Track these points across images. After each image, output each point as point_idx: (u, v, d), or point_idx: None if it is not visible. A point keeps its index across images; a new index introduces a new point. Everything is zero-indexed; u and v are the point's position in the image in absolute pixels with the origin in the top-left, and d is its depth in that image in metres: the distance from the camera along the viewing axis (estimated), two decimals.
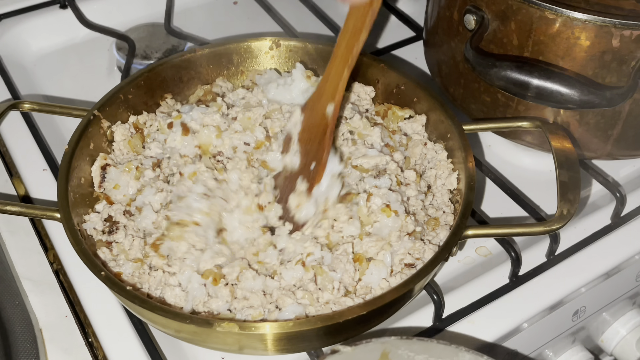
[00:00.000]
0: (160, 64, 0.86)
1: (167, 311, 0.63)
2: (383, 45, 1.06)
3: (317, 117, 0.76)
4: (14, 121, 0.91)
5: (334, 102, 0.75)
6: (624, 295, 0.83)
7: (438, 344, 0.62)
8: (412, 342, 0.62)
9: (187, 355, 0.72)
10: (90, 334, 0.72)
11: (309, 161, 0.75)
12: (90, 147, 0.78)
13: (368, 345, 0.62)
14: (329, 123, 0.75)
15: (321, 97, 0.76)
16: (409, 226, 0.72)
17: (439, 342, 0.62)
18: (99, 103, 0.80)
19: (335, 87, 0.75)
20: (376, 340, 0.62)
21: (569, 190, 0.70)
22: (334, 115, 0.75)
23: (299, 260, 0.69)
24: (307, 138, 0.76)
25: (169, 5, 1.10)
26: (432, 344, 0.62)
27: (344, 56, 0.74)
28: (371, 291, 0.69)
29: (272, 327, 0.62)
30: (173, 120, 0.81)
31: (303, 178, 0.75)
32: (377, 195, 0.73)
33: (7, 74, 0.99)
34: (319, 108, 0.76)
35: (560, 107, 0.78)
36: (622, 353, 0.85)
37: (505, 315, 0.74)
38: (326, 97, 0.75)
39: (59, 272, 0.78)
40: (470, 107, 0.88)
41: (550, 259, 0.79)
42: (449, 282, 0.78)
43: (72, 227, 0.69)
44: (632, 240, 0.81)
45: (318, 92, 0.77)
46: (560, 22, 0.75)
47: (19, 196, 0.85)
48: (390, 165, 0.77)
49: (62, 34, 1.08)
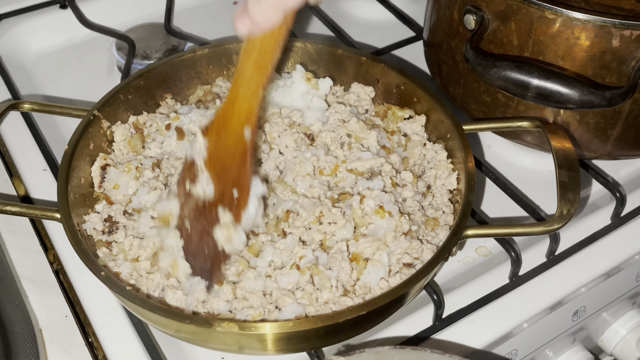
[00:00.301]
0: (160, 64, 0.86)
1: (167, 311, 0.63)
2: (383, 45, 1.06)
3: (230, 142, 0.70)
4: (14, 121, 0.91)
5: (250, 125, 0.69)
6: (624, 295, 0.83)
7: (432, 353, 0.62)
8: (405, 351, 0.62)
9: (187, 355, 0.72)
10: (90, 334, 0.72)
11: (228, 189, 0.70)
12: (90, 147, 0.78)
13: (362, 356, 0.62)
14: (247, 147, 0.69)
15: (231, 121, 0.70)
16: (404, 226, 0.72)
17: (433, 352, 0.62)
18: (99, 103, 0.80)
19: (249, 110, 0.69)
20: (370, 350, 0.62)
21: (569, 190, 0.70)
22: (252, 138, 0.69)
23: (293, 264, 0.69)
24: (220, 165, 0.70)
25: (169, 5, 1.10)
26: (426, 353, 0.62)
27: (254, 78, 0.67)
28: (370, 291, 0.69)
29: (272, 327, 0.62)
30: (171, 122, 0.81)
31: (224, 207, 0.69)
32: (370, 197, 0.73)
33: (7, 74, 0.99)
34: (230, 132, 0.70)
35: (560, 107, 0.78)
36: (622, 353, 0.85)
37: (505, 315, 0.74)
38: (238, 120, 0.69)
39: (59, 272, 0.78)
40: (470, 107, 0.88)
41: (550, 259, 0.79)
42: (449, 282, 0.78)
43: (72, 227, 0.69)
44: (632, 240, 0.81)
45: (223, 115, 0.70)
46: (560, 22, 0.75)
47: (19, 196, 0.85)
48: (385, 167, 0.77)
49: (62, 34, 1.08)
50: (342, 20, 1.13)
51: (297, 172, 0.76)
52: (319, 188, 0.75)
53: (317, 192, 0.74)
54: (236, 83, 0.69)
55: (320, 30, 1.09)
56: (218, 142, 0.70)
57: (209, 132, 0.71)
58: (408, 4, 1.15)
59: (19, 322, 0.72)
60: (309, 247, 0.70)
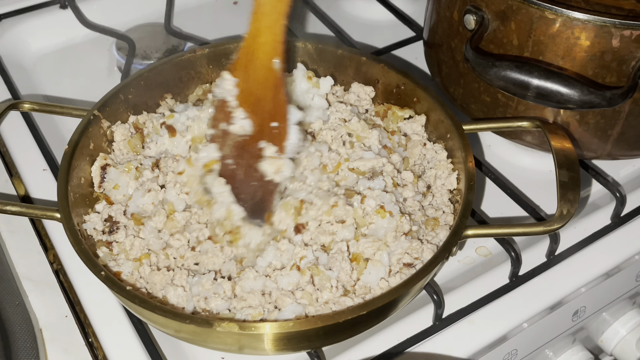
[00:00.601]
0: (160, 64, 0.86)
1: (167, 311, 0.63)
2: (383, 45, 1.06)
3: (260, 75, 0.70)
4: (14, 121, 0.91)
5: (278, 55, 0.69)
6: (624, 295, 0.83)
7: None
8: None
9: (187, 355, 0.72)
10: (90, 334, 0.72)
11: (266, 121, 0.70)
12: (90, 147, 0.78)
13: None
14: (278, 77, 0.69)
15: (257, 54, 0.69)
16: (405, 226, 0.72)
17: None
18: (99, 103, 0.80)
19: (275, 40, 0.69)
20: None
21: (569, 190, 0.70)
22: (282, 68, 0.69)
23: (293, 265, 0.69)
24: (254, 99, 0.70)
25: (169, 5, 1.10)
26: None
27: (273, 7, 0.67)
28: (370, 291, 0.69)
29: (271, 327, 0.62)
30: (165, 120, 0.81)
31: (267, 140, 0.70)
32: (370, 197, 0.73)
33: (7, 74, 0.99)
34: (258, 65, 0.70)
35: (560, 107, 0.78)
36: (622, 353, 0.85)
37: (505, 315, 0.74)
38: (264, 52, 0.69)
39: (59, 272, 0.78)
40: (470, 107, 0.88)
41: (550, 259, 0.79)
42: (449, 282, 0.78)
43: (72, 227, 0.69)
44: (632, 240, 0.81)
45: (247, 50, 0.70)
46: (560, 22, 0.75)
47: (19, 196, 0.85)
48: (386, 167, 0.77)
49: (62, 34, 1.08)
50: (342, 20, 1.13)
51: (304, 166, 0.76)
52: (328, 182, 0.75)
53: (326, 185, 0.74)
54: (257, 15, 0.68)
55: (320, 30, 1.09)
56: (247, 77, 0.70)
57: (236, 69, 0.71)
58: (408, 4, 1.15)
59: (19, 322, 0.72)
60: (310, 248, 0.70)
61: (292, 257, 0.70)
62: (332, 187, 0.75)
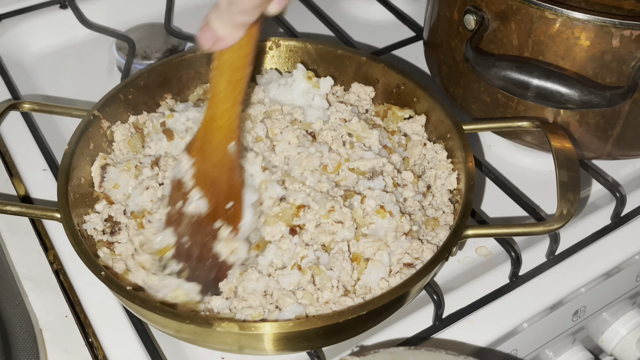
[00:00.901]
0: (160, 64, 0.86)
1: (167, 311, 0.63)
2: (383, 45, 1.06)
3: (216, 158, 0.71)
4: (14, 121, 0.91)
5: (233, 140, 0.70)
6: (624, 295, 0.83)
7: (447, 354, 0.62)
8: (420, 352, 0.62)
9: (187, 355, 0.72)
10: (90, 334, 0.72)
11: (221, 202, 0.71)
12: (90, 147, 0.78)
13: (376, 356, 0.62)
14: (234, 161, 0.71)
15: (213, 137, 0.71)
16: (405, 226, 0.72)
17: (448, 353, 0.62)
18: (99, 103, 0.80)
19: (229, 126, 0.70)
20: (384, 351, 0.62)
21: (569, 190, 0.70)
22: (238, 151, 0.71)
23: (294, 264, 0.69)
24: (209, 180, 0.72)
25: (169, 5, 1.10)
26: (440, 354, 0.62)
27: (229, 94, 0.68)
28: (371, 291, 0.69)
29: (272, 327, 0.62)
30: (165, 120, 0.81)
31: (221, 221, 0.71)
32: (370, 197, 0.73)
33: (7, 74, 0.99)
34: (214, 148, 0.71)
35: (560, 107, 0.78)
36: (622, 353, 0.85)
37: (505, 315, 0.74)
38: (220, 136, 0.70)
39: (59, 272, 0.78)
40: (470, 107, 0.88)
41: (550, 259, 0.79)
42: (449, 282, 0.78)
43: (72, 227, 0.69)
44: (632, 240, 0.81)
45: (204, 132, 0.71)
46: (560, 22, 0.75)
47: (19, 196, 0.85)
48: (387, 167, 0.77)
49: (62, 34, 1.08)
50: (342, 20, 1.13)
51: (304, 166, 0.76)
52: (327, 183, 0.75)
53: (325, 187, 0.74)
54: (212, 100, 0.69)
55: (320, 30, 1.09)
56: (203, 158, 0.71)
57: (192, 150, 0.72)
58: (408, 4, 1.15)
59: (19, 322, 0.72)
60: (311, 248, 0.70)
61: (293, 256, 0.70)
62: (332, 187, 0.75)
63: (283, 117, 0.81)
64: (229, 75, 0.67)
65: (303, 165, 0.76)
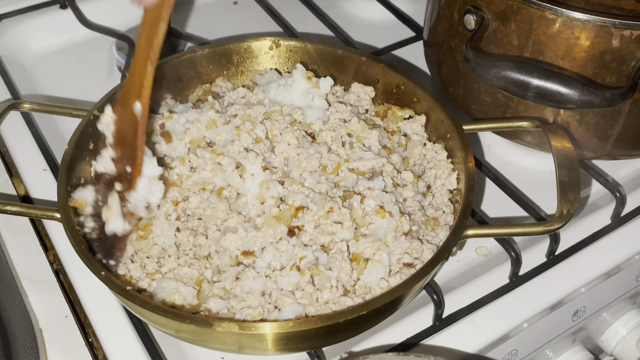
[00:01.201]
0: (160, 64, 0.86)
1: (167, 311, 0.63)
2: (383, 45, 1.06)
3: (128, 117, 0.71)
4: (14, 121, 0.91)
5: (141, 100, 0.70)
6: (624, 295, 0.83)
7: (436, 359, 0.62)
8: (409, 358, 0.62)
9: (187, 355, 0.72)
10: (90, 334, 0.72)
11: (124, 165, 0.71)
12: (90, 147, 0.78)
13: None
14: (139, 122, 0.70)
15: (129, 95, 0.71)
16: (405, 226, 0.72)
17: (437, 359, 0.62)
18: (99, 103, 0.80)
19: (140, 83, 0.70)
20: (373, 357, 0.63)
21: (569, 190, 0.70)
22: (144, 114, 0.70)
23: (293, 265, 0.69)
24: (121, 140, 0.71)
25: None
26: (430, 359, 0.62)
27: (144, 50, 0.70)
28: (371, 291, 0.69)
29: (272, 327, 0.62)
30: (164, 121, 0.80)
31: (121, 185, 0.71)
32: (370, 197, 0.73)
33: (7, 74, 0.99)
34: (127, 106, 0.71)
35: (560, 107, 0.78)
36: (622, 353, 0.85)
37: (505, 315, 0.74)
38: (133, 93, 0.71)
39: (59, 272, 0.78)
40: (470, 107, 0.88)
41: (550, 259, 0.79)
42: (449, 282, 0.78)
43: (72, 227, 0.69)
44: (632, 240, 0.81)
45: (126, 88, 0.72)
46: (560, 22, 0.75)
47: (19, 196, 0.85)
48: (386, 168, 0.77)
49: (62, 34, 1.08)
50: (342, 20, 1.13)
51: (303, 167, 0.76)
52: (326, 184, 0.75)
53: (325, 187, 0.74)
54: (135, 58, 0.71)
55: (320, 30, 1.09)
56: (122, 116, 0.72)
57: (117, 106, 0.72)
58: (408, 4, 1.15)
59: (19, 322, 0.72)
60: (310, 248, 0.70)
61: (291, 257, 0.70)
62: (331, 188, 0.75)
63: (282, 118, 0.81)
64: (147, 30, 0.71)
65: (302, 167, 0.76)
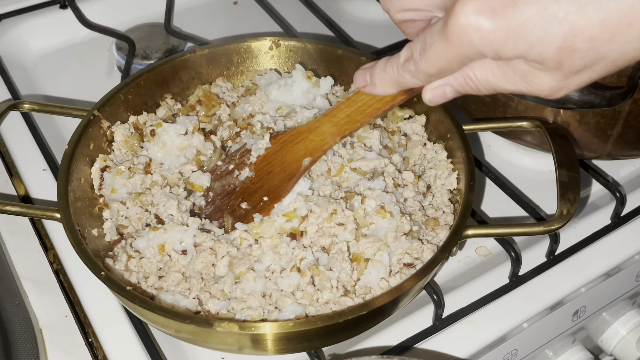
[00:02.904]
0: (160, 64, 0.86)
1: (167, 311, 0.63)
2: (383, 45, 1.06)
3: (288, 158, 0.75)
4: (14, 121, 0.91)
5: (312, 157, 0.74)
6: (624, 295, 0.83)
7: None
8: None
9: (187, 355, 0.72)
10: (90, 334, 0.72)
11: (260, 192, 0.74)
12: (90, 147, 0.78)
13: None
14: (299, 171, 0.74)
15: (300, 142, 0.75)
16: (405, 226, 0.72)
17: None
18: (99, 103, 0.80)
19: (320, 146, 0.74)
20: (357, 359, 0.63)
21: (569, 190, 0.70)
22: (306, 168, 0.74)
23: (293, 266, 0.69)
24: (267, 169, 0.75)
25: (169, 5, 1.10)
26: None
27: (340, 126, 0.72)
28: (371, 291, 0.69)
29: (272, 327, 0.62)
30: (155, 128, 0.80)
31: (247, 204, 0.74)
32: (371, 197, 0.73)
33: (7, 74, 0.99)
34: (293, 151, 0.75)
35: (560, 107, 0.78)
36: (622, 353, 0.85)
37: (505, 315, 0.74)
38: (306, 147, 0.74)
39: (59, 272, 0.78)
40: (470, 107, 0.88)
41: (550, 259, 0.79)
42: (449, 282, 0.78)
43: (72, 227, 0.69)
44: (632, 240, 0.81)
45: (296, 134, 0.75)
46: None
47: (19, 196, 0.85)
48: (388, 168, 0.77)
49: (62, 34, 1.09)
50: (342, 20, 1.13)
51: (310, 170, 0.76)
52: (330, 187, 0.75)
53: (329, 190, 0.75)
54: (325, 117, 0.74)
55: (320, 30, 1.09)
56: (278, 150, 0.75)
57: (276, 139, 0.76)
58: None
59: (19, 322, 0.72)
60: (310, 249, 0.70)
61: (291, 259, 0.70)
62: (334, 191, 0.75)
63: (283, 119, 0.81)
64: (352, 110, 0.71)
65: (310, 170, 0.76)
